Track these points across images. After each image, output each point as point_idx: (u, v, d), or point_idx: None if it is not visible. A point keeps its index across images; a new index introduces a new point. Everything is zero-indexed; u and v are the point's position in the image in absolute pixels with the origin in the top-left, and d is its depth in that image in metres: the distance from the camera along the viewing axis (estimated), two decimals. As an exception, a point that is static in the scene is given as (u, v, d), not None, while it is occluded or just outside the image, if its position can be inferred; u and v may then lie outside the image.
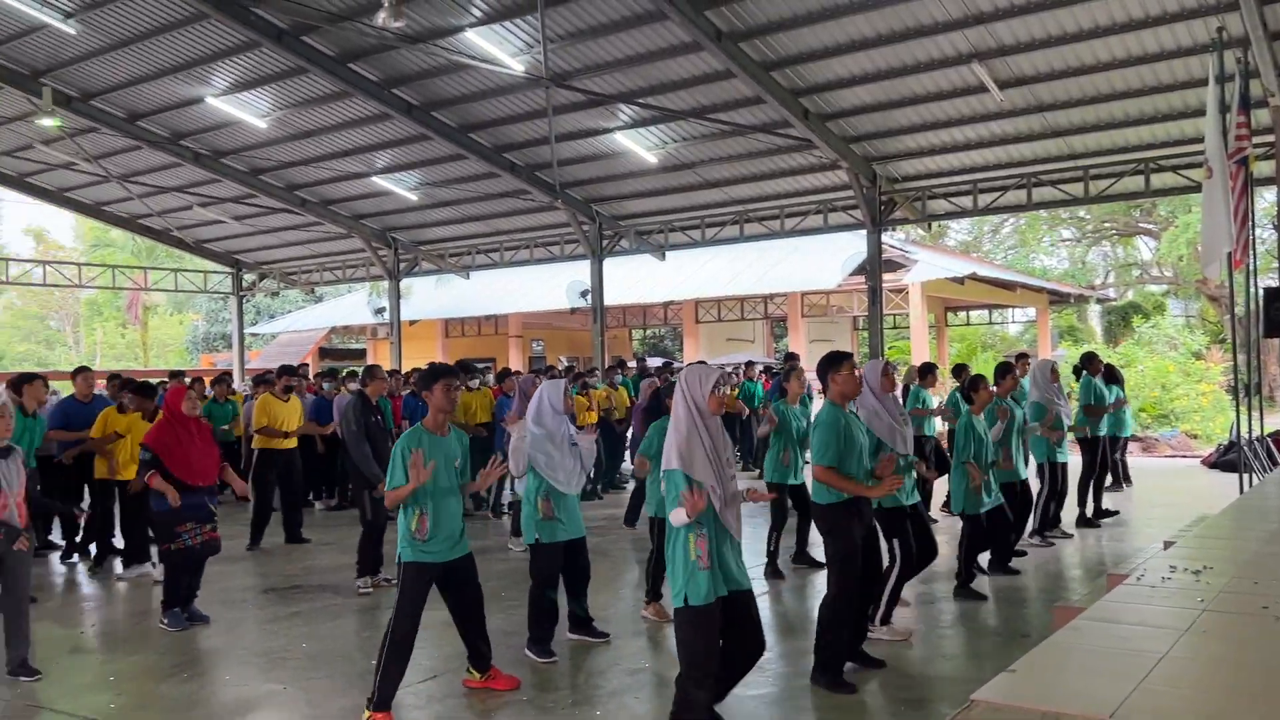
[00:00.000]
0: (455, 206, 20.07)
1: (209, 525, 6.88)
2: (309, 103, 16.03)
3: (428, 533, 4.91)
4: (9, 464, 5.69)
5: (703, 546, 4.07)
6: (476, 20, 12.83)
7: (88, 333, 46.87)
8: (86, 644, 6.76)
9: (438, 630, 5.82)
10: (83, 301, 45.00)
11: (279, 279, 26.53)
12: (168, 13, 13.76)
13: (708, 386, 4.22)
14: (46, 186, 22.37)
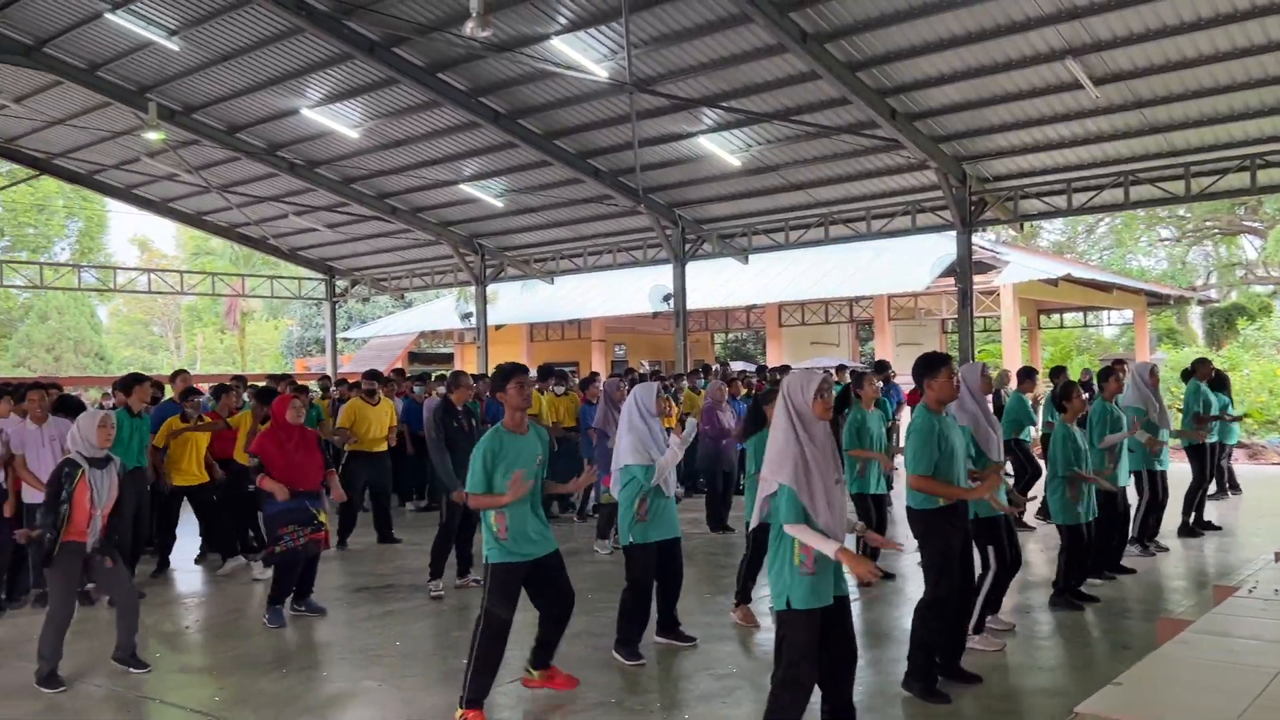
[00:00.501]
0: (540, 213, 20.29)
1: (310, 528, 7.07)
2: (399, 113, 16.39)
3: (508, 532, 4.94)
4: (105, 475, 5.88)
5: (808, 552, 4.01)
6: (562, 28, 12.96)
7: (189, 338, 48.63)
8: (188, 639, 7.01)
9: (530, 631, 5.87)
10: (184, 308, 46.71)
11: (370, 285, 27.16)
12: (265, 28, 14.21)
13: (810, 391, 4.14)
14: (151, 198, 23.31)
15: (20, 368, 34.21)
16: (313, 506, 7.14)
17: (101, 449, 5.87)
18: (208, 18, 14.02)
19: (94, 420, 5.87)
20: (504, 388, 5.12)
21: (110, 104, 17.22)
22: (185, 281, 28.81)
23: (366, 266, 26.27)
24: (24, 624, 7.18)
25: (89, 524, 5.76)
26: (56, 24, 15.01)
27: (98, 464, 5.83)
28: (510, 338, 30.32)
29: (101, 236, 38.47)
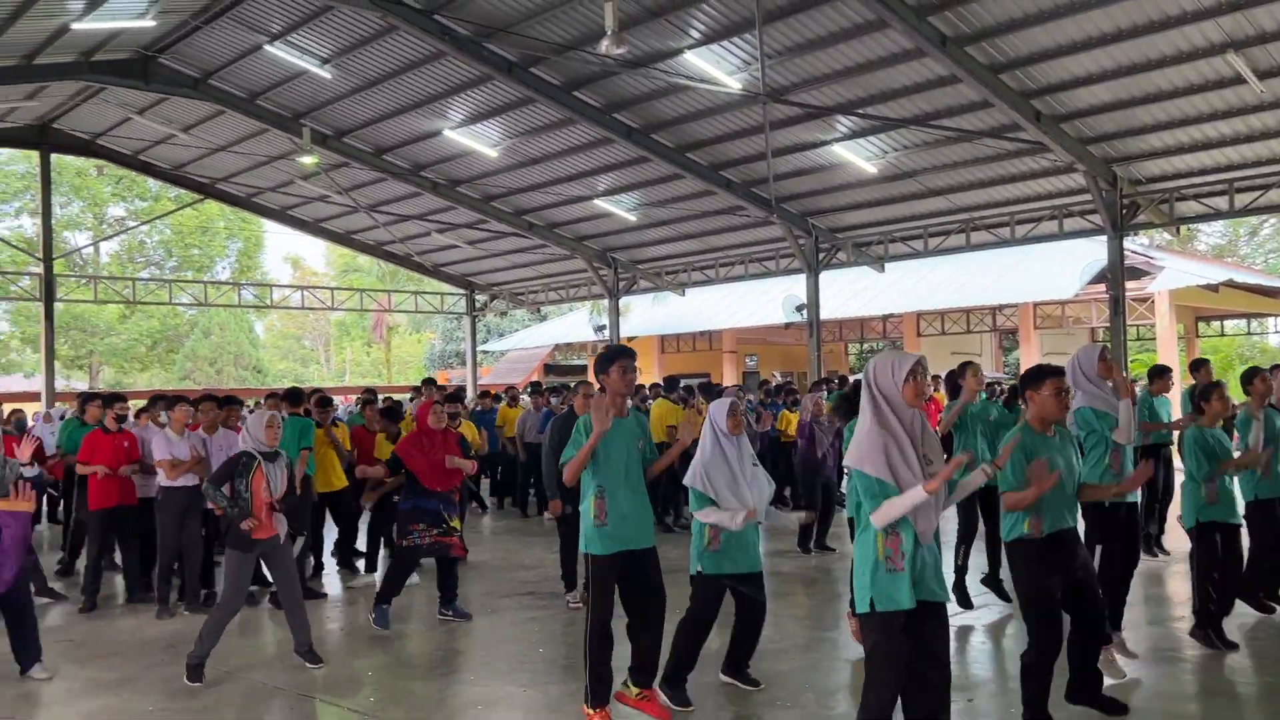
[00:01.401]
0: (672, 225, 20.41)
1: (439, 530, 7.26)
2: (536, 131, 16.79)
3: (607, 516, 4.84)
4: (276, 467, 6.30)
5: (894, 547, 3.72)
6: (695, 41, 13.04)
7: (337, 351, 50.86)
8: (342, 642, 7.30)
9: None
10: (333, 322, 48.90)
11: (507, 299, 27.84)
12: (410, 53, 14.80)
13: (901, 373, 3.77)
14: (304, 218, 24.55)
15: (186, 380, 36.49)
16: (446, 510, 7.33)
17: (270, 446, 6.27)
18: (357, 46, 14.70)
19: (262, 420, 6.32)
20: (607, 370, 5.00)
21: (268, 130, 18.24)
22: (335, 298, 30.19)
23: (504, 281, 26.95)
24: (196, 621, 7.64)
25: (269, 515, 6.12)
26: (221, 57, 16.02)
27: (269, 457, 6.24)
28: (642, 349, 30.47)
29: (259, 256, 40.71)
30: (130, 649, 6.99)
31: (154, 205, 34.76)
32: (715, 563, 5.32)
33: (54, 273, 21.54)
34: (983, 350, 29.96)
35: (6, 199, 33.21)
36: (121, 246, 36.57)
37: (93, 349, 35.61)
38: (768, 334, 28.40)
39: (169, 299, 29.89)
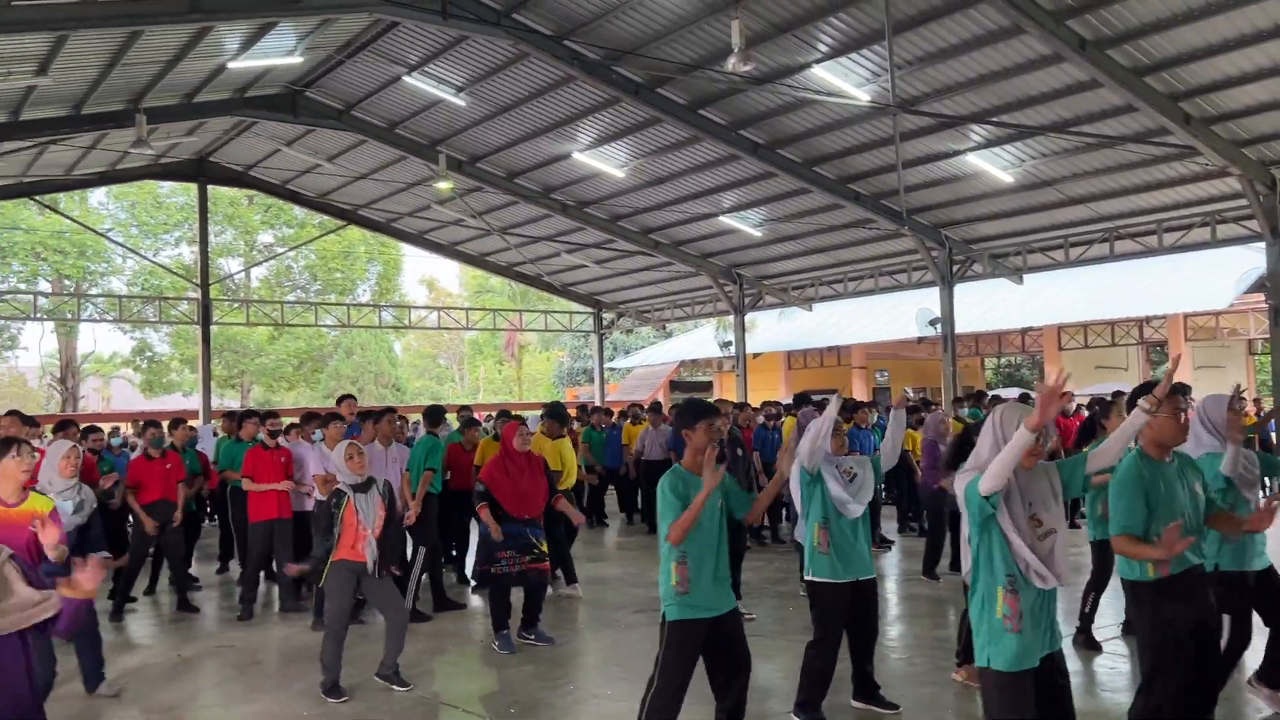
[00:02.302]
0: (798, 240, 20.25)
1: (529, 556, 7.18)
2: (662, 150, 16.95)
3: (689, 582, 4.41)
4: (368, 498, 6.27)
5: (1013, 605, 3.51)
6: (822, 55, 12.94)
7: (471, 369, 52.24)
8: (483, 654, 7.47)
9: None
10: (467, 341, 50.25)
11: (634, 317, 28.11)
12: (540, 80, 15.17)
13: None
14: (440, 241, 25.38)
15: (330, 398, 38.05)
16: (534, 535, 7.25)
17: (357, 476, 6.26)
18: (490, 74, 15.16)
19: (343, 452, 6.31)
20: (693, 426, 4.57)
21: (406, 158, 18.97)
22: (469, 318, 31.06)
23: (631, 299, 27.22)
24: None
25: (362, 544, 6.17)
26: (362, 89, 16.76)
27: (360, 489, 6.26)
28: (768, 365, 30.36)
29: (397, 278, 42.21)
30: (284, 657, 7.33)
31: (300, 232, 36.53)
32: (830, 567, 5.22)
33: (210, 297, 22.88)
34: (1129, 364, 28.60)
35: (168, 229, 35.45)
36: (270, 271, 38.54)
37: (244, 369, 37.58)
38: (899, 349, 27.81)
39: (314, 321, 31.35)
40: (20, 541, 4.47)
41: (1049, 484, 3.70)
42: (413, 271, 55.76)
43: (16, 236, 31.38)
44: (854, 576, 5.25)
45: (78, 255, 32.24)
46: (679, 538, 4.37)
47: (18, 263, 31.82)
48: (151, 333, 35.67)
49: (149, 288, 32.87)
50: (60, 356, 35.64)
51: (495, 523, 7.09)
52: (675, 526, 4.35)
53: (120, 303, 27.57)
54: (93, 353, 37.64)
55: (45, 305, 28.75)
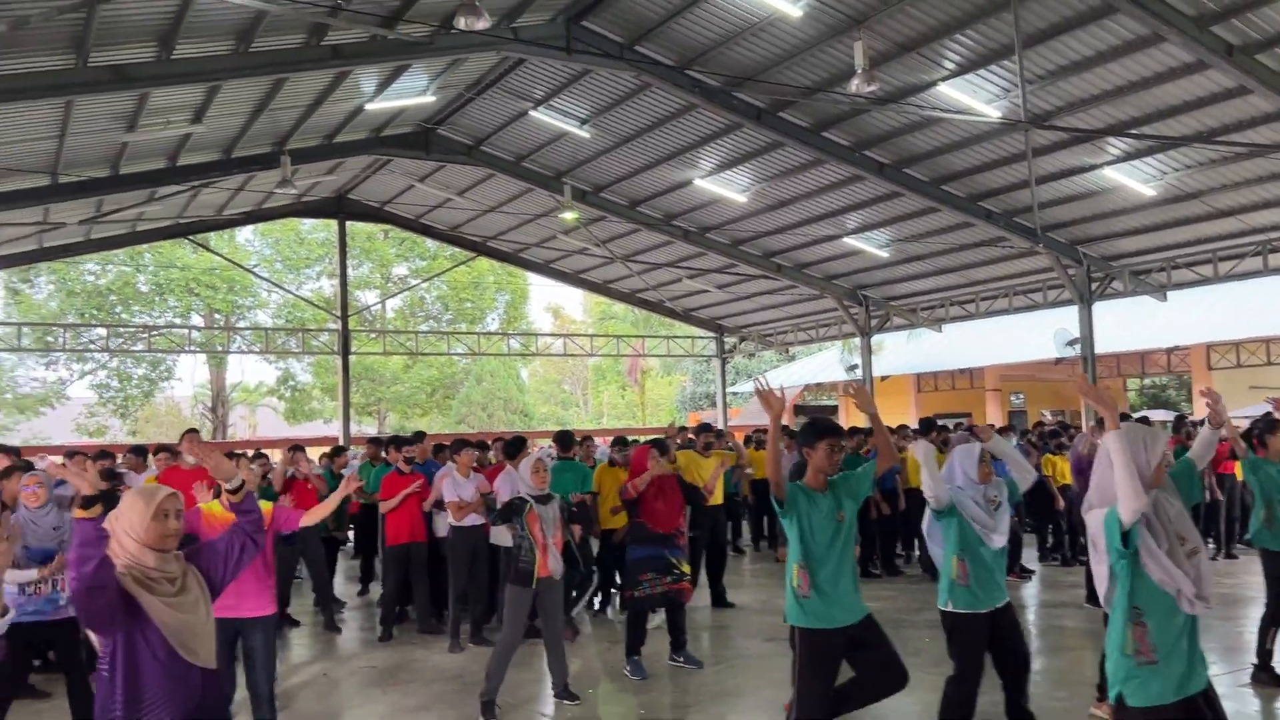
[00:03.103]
0: (927, 260, 19.83)
1: (669, 577, 7.27)
2: (784, 174, 16.89)
3: (809, 590, 4.58)
4: (549, 509, 6.57)
5: (1140, 638, 3.38)
6: (949, 73, 12.70)
7: (595, 395, 52.86)
8: (618, 679, 7.52)
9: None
10: (590, 367, 50.91)
11: (757, 341, 27.98)
12: (661, 109, 15.35)
13: (1155, 454, 3.49)
14: (565, 270, 25.86)
15: (461, 424, 39.09)
16: (673, 556, 7.36)
17: (539, 489, 6.57)
18: (613, 105, 15.43)
19: (530, 465, 6.66)
20: (815, 445, 4.70)
21: (532, 190, 19.43)
22: (593, 344, 31.49)
23: (753, 323, 27.12)
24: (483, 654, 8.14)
25: (545, 555, 6.42)
26: (490, 125, 17.28)
27: (541, 500, 6.54)
28: (897, 389, 29.73)
29: (524, 307, 43.14)
30: (424, 678, 7.54)
31: (432, 264, 37.76)
32: (968, 598, 5.07)
33: (349, 328, 23.86)
34: (1288, 383, 26.90)
35: (309, 264, 37.17)
36: (404, 303, 39.92)
37: (380, 396, 38.96)
38: (1035, 370, 26.86)
39: (446, 349, 32.34)
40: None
41: (1178, 500, 3.56)
42: (539, 300, 56.91)
43: (172, 274, 33.44)
44: (992, 605, 5.10)
45: (227, 290, 34.10)
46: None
47: (173, 298, 33.88)
48: (294, 363, 37.39)
49: (292, 320, 34.49)
50: (211, 386, 37.68)
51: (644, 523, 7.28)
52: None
53: (266, 335, 29.03)
54: (240, 382, 39.64)
55: (198, 338, 30.58)
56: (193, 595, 3.30)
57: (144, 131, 13.89)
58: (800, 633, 4.62)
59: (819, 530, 4.61)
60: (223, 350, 31.94)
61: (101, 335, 28.41)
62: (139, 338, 28.31)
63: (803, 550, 4.62)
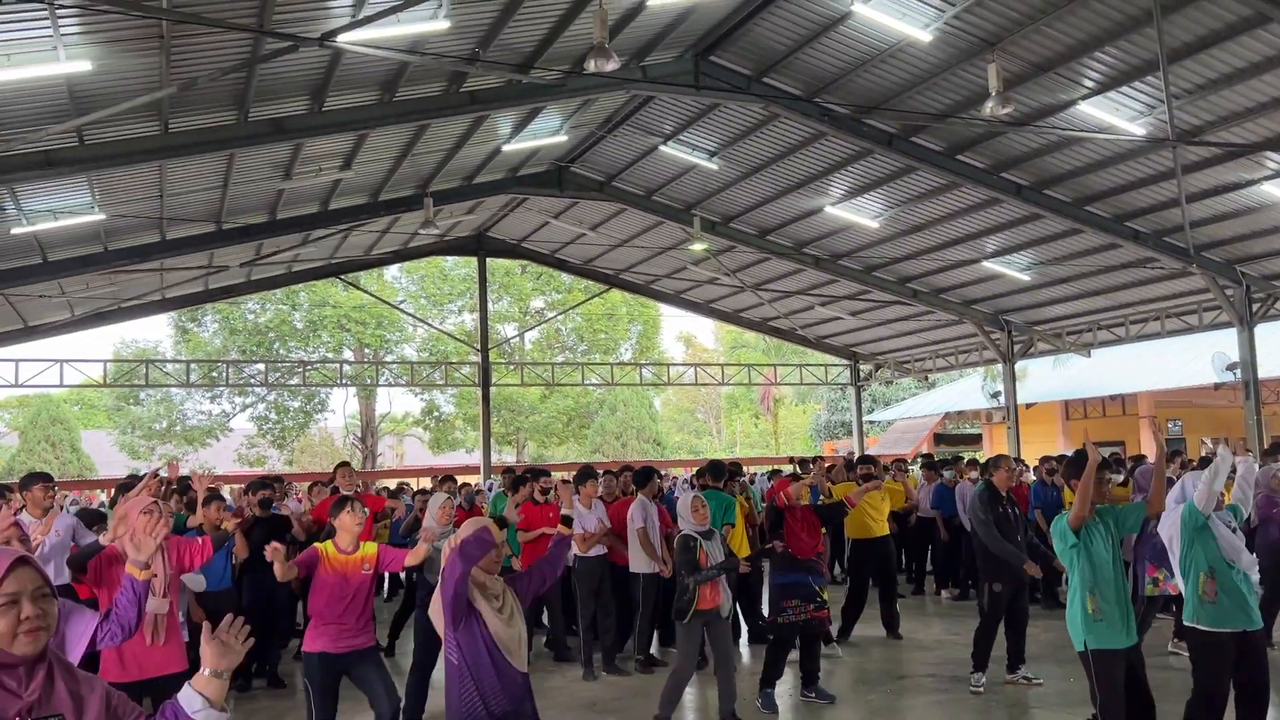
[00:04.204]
0: (1072, 283, 19.10)
1: (813, 604, 7.23)
2: (918, 198, 16.62)
3: (1100, 610, 4.88)
4: (713, 544, 6.67)
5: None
6: (1089, 91, 12.29)
7: (728, 423, 52.78)
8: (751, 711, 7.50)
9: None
10: (722, 396, 50.91)
11: (893, 368, 27.45)
12: (790, 138, 15.36)
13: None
14: (696, 300, 26.03)
15: (596, 453, 39.67)
16: (816, 583, 7.31)
17: (701, 525, 6.67)
18: (741, 136, 15.54)
19: (689, 501, 6.78)
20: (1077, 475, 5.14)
21: (662, 223, 19.70)
22: (725, 373, 31.50)
23: (889, 350, 26.63)
24: (616, 684, 8.25)
25: (714, 591, 6.52)
26: (621, 161, 17.64)
27: (705, 535, 6.64)
28: (1044, 416, 28.60)
29: (656, 337, 43.57)
30: (558, 707, 7.67)
31: (567, 297, 38.62)
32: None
33: (489, 361, 24.61)
34: None
35: (451, 299, 38.58)
36: (541, 335, 40.92)
37: (519, 426, 39.94)
38: (1193, 396, 25.41)
39: (581, 380, 32.92)
40: (356, 583, 5.39)
41: None
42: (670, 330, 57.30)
43: (325, 311, 35.23)
44: (1242, 626, 5.02)
45: (376, 326, 35.68)
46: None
47: (326, 334, 35.67)
48: (438, 394, 38.72)
49: (436, 353, 35.78)
50: (361, 417, 39.40)
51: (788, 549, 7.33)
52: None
53: (411, 368, 30.22)
54: (388, 413, 41.31)
55: (349, 372, 32.08)
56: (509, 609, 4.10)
57: (299, 179, 14.79)
58: (1095, 655, 4.95)
59: (1100, 556, 4.99)
60: (371, 383, 33.42)
61: (261, 370, 30.16)
62: (295, 372, 29.89)
63: (1092, 576, 4.98)
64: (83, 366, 23.64)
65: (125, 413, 37.20)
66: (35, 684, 2.11)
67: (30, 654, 2.11)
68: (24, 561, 2.17)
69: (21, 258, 15.65)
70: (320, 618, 5.37)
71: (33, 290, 17.50)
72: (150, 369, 26.27)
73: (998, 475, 7.87)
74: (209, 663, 2.28)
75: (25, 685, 2.10)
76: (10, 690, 2.08)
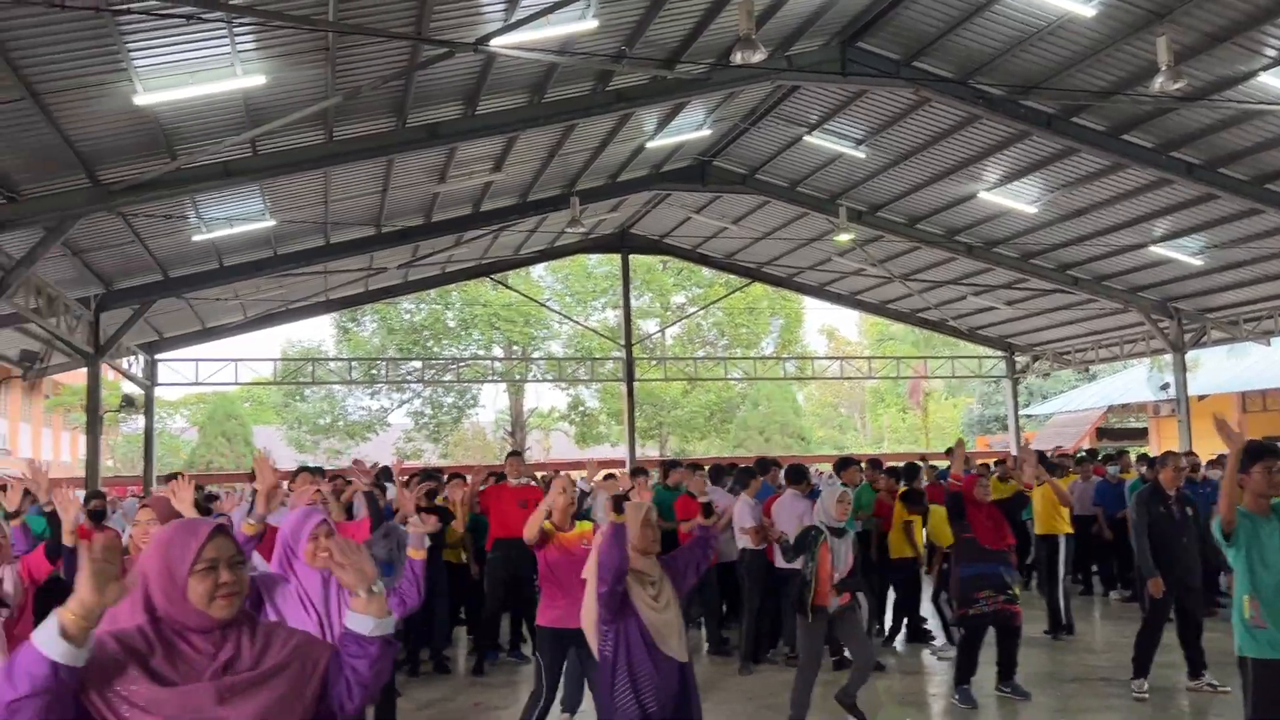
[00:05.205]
0: (1250, 267, 17.87)
1: (1004, 596, 7.03)
2: (1079, 181, 15.86)
3: (1263, 618, 4.31)
4: (843, 543, 6.60)
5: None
6: (1271, 61, 11.46)
7: (873, 418, 51.70)
8: (947, 707, 7.34)
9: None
10: (867, 390, 49.89)
11: (1051, 359, 26.33)
12: (941, 123, 14.91)
13: None
14: (840, 292, 25.61)
15: (739, 448, 39.52)
16: (1007, 574, 7.11)
17: (839, 521, 6.56)
18: (889, 123, 15.18)
19: (834, 495, 6.67)
20: (1248, 470, 4.49)
21: (806, 214, 19.46)
22: (871, 366, 30.88)
23: (1047, 341, 25.57)
24: (772, 678, 8.23)
25: (828, 587, 6.43)
26: (765, 153, 17.51)
27: (836, 533, 6.52)
28: (1218, 409, 26.90)
29: (798, 330, 43.05)
30: (713, 699, 7.67)
31: (708, 291, 38.60)
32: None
33: (633, 356, 24.85)
34: None
35: (595, 296, 39.15)
36: (683, 330, 41.04)
37: (662, 421, 40.19)
38: (1390, 386, 23.43)
39: (723, 375, 32.86)
40: (579, 556, 5.56)
41: None
42: (812, 323, 56.64)
43: (476, 310, 36.33)
44: None
45: (524, 324, 36.57)
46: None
47: (477, 332, 36.79)
48: (583, 390, 39.37)
49: (580, 349, 36.38)
50: (510, 412, 40.45)
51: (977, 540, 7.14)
52: None
53: (558, 364, 30.83)
54: (535, 408, 42.26)
55: (499, 368, 33.00)
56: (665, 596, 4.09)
57: (452, 182, 15.30)
58: (1254, 664, 4.41)
59: (1269, 557, 4.40)
60: (520, 379, 34.23)
61: (416, 368, 31.32)
62: (448, 369, 30.95)
63: (1251, 580, 4.42)
64: (253, 365, 25.12)
65: (292, 409, 39.31)
66: (228, 647, 2.22)
67: (225, 618, 2.22)
68: (222, 530, 2.28)
69: (201, 263, 16.74)
70: (550, 593, 5.73)
71: (210, 294, 18.68)
72: (315, 367, 27.67)
73: (1164, 473, 7.49)
74: (350, 584, 2.36)
75: (221, 645, 2.22)
76: (204, 652, 2.19)
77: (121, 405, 23.91)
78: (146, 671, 2.09)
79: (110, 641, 2.10)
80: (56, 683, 1.91)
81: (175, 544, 2.24)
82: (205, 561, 2.21)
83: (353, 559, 2.35)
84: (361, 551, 2.39)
